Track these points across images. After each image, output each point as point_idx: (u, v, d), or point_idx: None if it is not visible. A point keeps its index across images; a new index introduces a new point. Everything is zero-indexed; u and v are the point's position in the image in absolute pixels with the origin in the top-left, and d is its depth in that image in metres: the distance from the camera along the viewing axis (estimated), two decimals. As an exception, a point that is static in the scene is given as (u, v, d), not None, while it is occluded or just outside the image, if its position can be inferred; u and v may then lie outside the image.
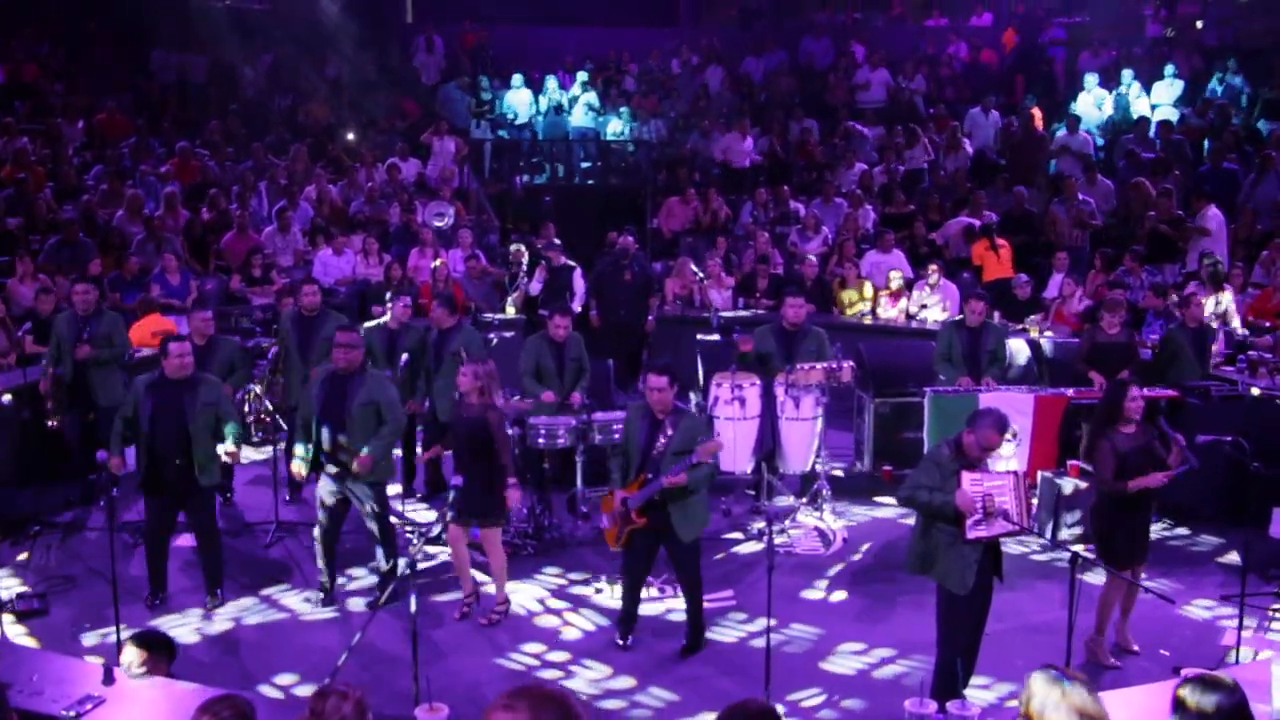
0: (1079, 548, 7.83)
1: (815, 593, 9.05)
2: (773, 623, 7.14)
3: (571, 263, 14.31)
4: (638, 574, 8.10)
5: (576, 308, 13.14)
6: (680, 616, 8.25)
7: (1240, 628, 7.54)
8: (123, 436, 8.56)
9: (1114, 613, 7.92)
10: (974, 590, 6.77)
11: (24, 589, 8.83)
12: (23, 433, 10.64)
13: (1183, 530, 10.25)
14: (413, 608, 6.28)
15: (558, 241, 14.58)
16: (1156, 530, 10.01)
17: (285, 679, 7.63)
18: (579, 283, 14.08)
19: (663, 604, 8.70)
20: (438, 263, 14.19)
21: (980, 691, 7.20)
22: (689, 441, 7.69)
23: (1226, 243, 14.76)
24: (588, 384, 10.47)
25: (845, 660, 7.96)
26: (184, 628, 8.27)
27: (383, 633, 8.08)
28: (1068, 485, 9.87)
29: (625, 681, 7.66)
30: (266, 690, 7.39)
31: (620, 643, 8.08)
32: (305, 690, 7.30)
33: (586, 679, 7.69)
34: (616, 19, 22.80)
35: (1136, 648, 7.97)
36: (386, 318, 10.87)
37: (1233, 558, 9.45)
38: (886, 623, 8.49)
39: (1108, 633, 7.93)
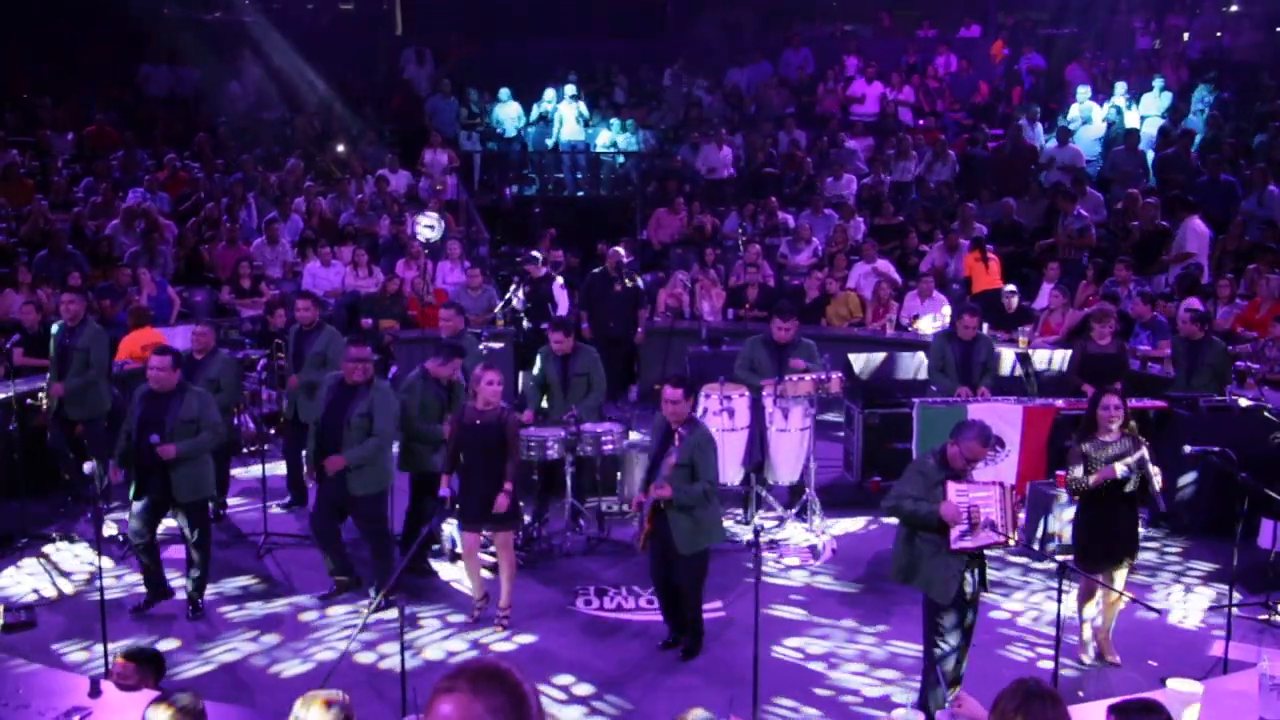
0: (1065, 558, 7.82)
1: (803, 603, 9.05)
2: (762, 626, 7.13)
3: (549, 272, 14.31)
4: (657, 577, 8.16)
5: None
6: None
7: (1229, 638, 7.56)
8: (124, 449, 8.58)
9: (1094, 619, 7.94)
10: (960, 601, 6.78)
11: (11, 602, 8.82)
12: (10, 445, 10.60)
13: (1172, 540, 10.27)
14: (402, 618, 6.28)
15: (536, 254, 14.54)
16: (1146, 540, 10.05)
17: (276, 688, 7.61)
18: (559, 292, 14.07)
19: (652, 614, 8.71)
20: (412, 274, 14.29)
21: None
22: (689, 455, 7.72)
23: (1208, 253, 14.84)
24: (599, 400, 10.46)
25: (834, 670, 7.95)
26: (173, 641, 8.24)
27: (372, 643, 8.08)
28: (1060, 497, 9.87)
29: (614, 690, 7.65)
30: (257, 700, 7.38)
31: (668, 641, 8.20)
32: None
33: (575, 689, 7.68)
34: (604, 30, 22.82)
35: (1117, 659, 7.95)
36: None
37: (1221, 568, 9.47)
38: (874, 632, 8.49)
39: (1091, 643, 7.95)
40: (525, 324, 13.62)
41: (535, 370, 10.45)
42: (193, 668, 7.91)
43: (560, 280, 14.25)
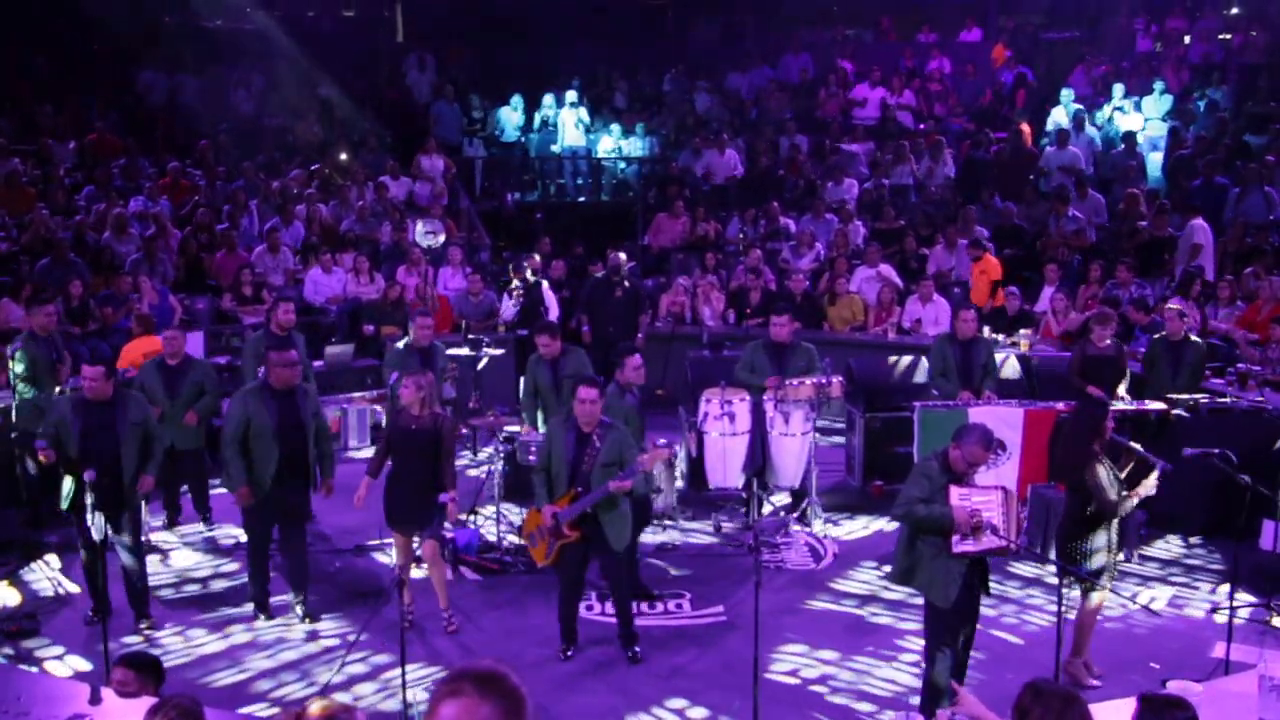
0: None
1: (805, 607, 9.05)
2: (762, 629, 7.14)
3: (538, 277, 14.32)
4: (574, 587, 8.19)
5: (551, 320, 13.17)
6: (668, 627, 8.22)
7: (1230, 640, 7.55)
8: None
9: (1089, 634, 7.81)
10: (960, 604, 6.77)
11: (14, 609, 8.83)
12: (11, 453, 10.59)
13: (1172, 542, 10.26)
14: (402, 625, 6.29)
15: (523, 263, 14.57)
16: (1146, 541, 10.06)
17: (273, 696, 7.61)
18: (548, 295, 14.09)
19: (651, 619, 8.71)
20: (413, 280, 14.31)
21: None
22: (616, 454, 7.84)
23: (1213, 255, 14.83)
24: None
25: (835, 673, 7.95)
26: (172, 649, 8.25)
27: (370, 649, 8.08)
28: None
29: (612, 693, 7.66)
30: (256, 708, 7.38)
31: (564, 655, 8.12)
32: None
33: (577, 690, 7.69)
34: (604, 35, 22.79)
35: (1097, 671, 7.81)
36: (410, 337, 10.85)
37: (1222, 569, 9.46)
38: (875, 636, 8.48)
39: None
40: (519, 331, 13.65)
41: (525, 381, 10.43)
42: (192, 674, 7.92)
43: (546, 283, 14.26)
